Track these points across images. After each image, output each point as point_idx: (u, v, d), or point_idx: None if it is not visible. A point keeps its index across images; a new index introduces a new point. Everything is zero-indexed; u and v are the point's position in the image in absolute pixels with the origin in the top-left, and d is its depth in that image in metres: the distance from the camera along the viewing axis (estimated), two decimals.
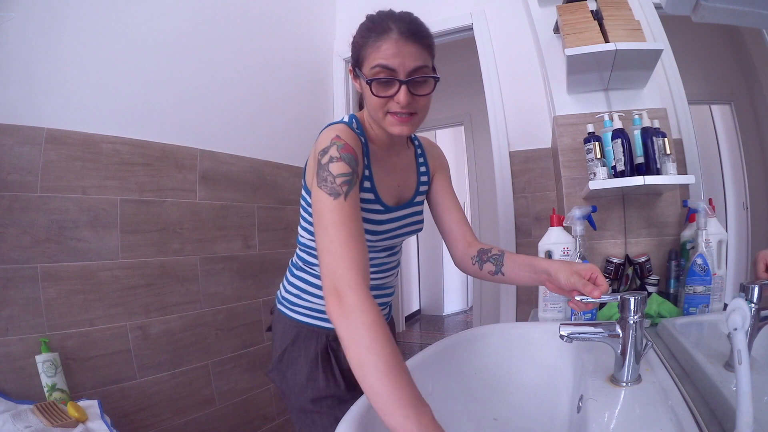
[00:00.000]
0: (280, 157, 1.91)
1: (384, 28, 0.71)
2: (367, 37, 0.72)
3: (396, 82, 0.70)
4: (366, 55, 0.72)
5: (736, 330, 0.42)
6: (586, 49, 1.13)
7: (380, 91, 0.71)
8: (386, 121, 0.74)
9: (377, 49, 0.70)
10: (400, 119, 0.73)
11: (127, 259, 1.35)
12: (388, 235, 0.84)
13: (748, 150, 1.00)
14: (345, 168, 0.69)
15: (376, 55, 0.70)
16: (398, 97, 0.71)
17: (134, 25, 1.41)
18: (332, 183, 0.67)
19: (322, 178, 0.68)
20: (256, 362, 1.74)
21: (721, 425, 0.50)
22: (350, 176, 0.68)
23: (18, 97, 1.15)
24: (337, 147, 0.70)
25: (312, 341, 0.86)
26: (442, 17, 2.02)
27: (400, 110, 0.72)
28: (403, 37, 0.70)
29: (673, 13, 0.41)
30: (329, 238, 0.63)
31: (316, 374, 0.84)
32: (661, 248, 1.25)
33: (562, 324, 0.64)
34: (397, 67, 0.70)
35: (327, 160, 0.69)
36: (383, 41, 0.70)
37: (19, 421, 0.96)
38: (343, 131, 0.73)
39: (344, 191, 0.67)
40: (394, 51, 0.69)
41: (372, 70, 0.71)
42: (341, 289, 0.58)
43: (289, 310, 0.90)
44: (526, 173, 1.83)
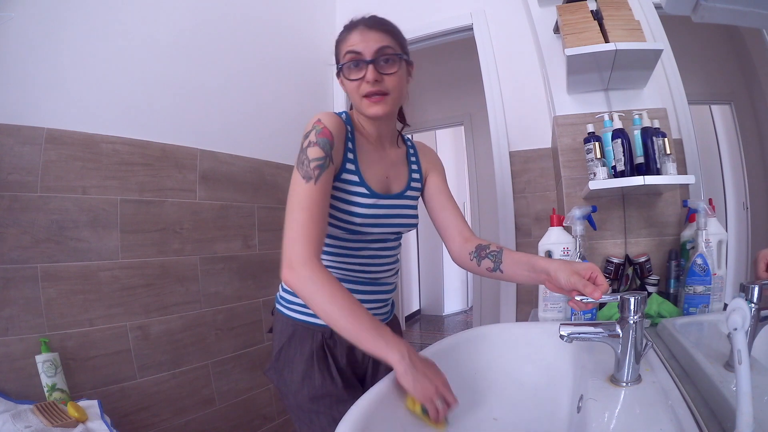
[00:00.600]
0: (280, 157, 1.91)
1: (351, 25, 0.82)
2: (339, 37, 0.83)
3: (363, 64, 0.78)
4: (340, 50, 0.82)
5: (736, 330, 0.42)
6: (586, 49, 1.13)
7: (351, 74, 0.80)
8: (363, 105, 0.81)
9: (346, 40, 0.81)
10: (372, 100, 0.80)
11: (127, 259, 1.35)
12: (376, 221, 0.85)
13: (748, 150, 1.00)
14: (319, 153, 0.76)
15: (345, 45, 0.80)
16: (366, 76, 0.78)
17: (134, 25, 1.41)
18: (307, 166, 0.75)
19: (300, 160, 0.76)
20: (256, 362, 1.75)
21: (721, 425, 0.50)
22: (323, 160, 0.75)
23: (18, 97, 1.15)
24: (315, 131, 0.78)
25: (307, 339, 0.86)
26: (442, 17, 2.02)
27: (371, 89, 0.79)
28: (367, 26, 0.80)
29: (673, 13, 0.41)
30: (293, 218, 0.72)
31: (312, 372, 0.84)
32: (661, 248, 1.25)
33: (562, 324, 0.64)
34: (362, 50, 0.78)
35: (306, 144, 0.77)
36: (350, 33, 0.81)
37: (19, 421, 0.96)
38: (325, 116, 0.80)
39: (315, 175, 0.74)
40: (359, 38, 0.79)
41: (343, 58, 0.80)
42: (294, 264, 0.69)
43: (286, 308, 0.90)
44: (526, 173, 1.83)
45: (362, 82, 0.79)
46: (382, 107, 0.80)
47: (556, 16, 1.34)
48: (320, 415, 0.82)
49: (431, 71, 3.34)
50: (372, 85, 0.78)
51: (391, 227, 0.88)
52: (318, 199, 0.73)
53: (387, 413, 0.61)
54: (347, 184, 0.81)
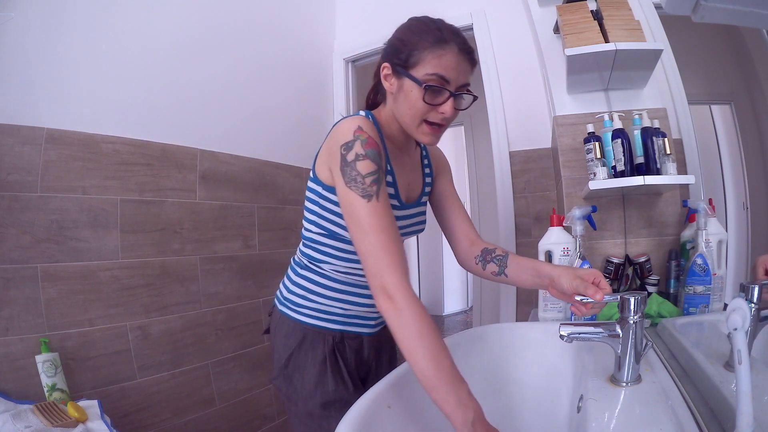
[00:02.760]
0: (280, 157, 1.91)
1: (444, 38, 0.71)
2: (424, 39, 0.71)
3: (446, 93, 0.72)
4: (423, 58, 0.71)
5: (736, 330, 0.42)
6: (586, 49, 1.13)
7: (432, 98, 0.72)
8: (420, 129, 0.75)
9: (439, 57, 0.70)
10: (434, 130, 0.75)
11: (127, 259, 1.35)
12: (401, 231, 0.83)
13: (748, 150, 1.00)
14: (372, 166, 0.69)
15: (437, 63, 0.70)
16: (445, 108, 0.72)
17: (134, 25, 1.41)
18: (362, 183, 0.68)
19: (350, 177, 0.69)
20: (256, 362, 1.74)
21: (721, 425, 0.50)
22: (377, 174, 0.69)
23: (18, 97, 1.15)
24: (361, 142, 0.70)
25: (319, 344, 0.84)
26: (443, 17, 2.01)
27: (440, 121, 0.74)
28: (462, 52, 0.72)
29: (673, 13, 0.41)
30: (371, 242, 0.66)
31: (325, 377, 0.82)
32: (661, 248, 1.25)
33: (562, 324, 0.64)
34: (452, 80, 0.71)
35: (353, 157, 0.69)
36: (446, 51, 0.71)
37: (19, 421, 0.96)
38: (364, 123, 0.73)
39: (375, 191, 0.68)
40: (454, 64, 0.71)
41: (428, 76, 0.71)
42: (390, 291, 0.64)
43: (294, 311, 0.87)
44: (526, 173, 1.83)
45: (433, 110, 0.73)
46: (437, 139, 0.78)
47: (556, 16, 1.34)
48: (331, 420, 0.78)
49: None
50: (442, 119, 0.74)
51: (407, 234, 0.88)
52: (388, 216, 0.69)
53: (387, 413, 0.61)
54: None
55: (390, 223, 0.68)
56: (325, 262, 0.84)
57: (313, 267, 0.86)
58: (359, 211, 0.68)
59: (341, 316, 0.85)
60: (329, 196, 0.78)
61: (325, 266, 0.84)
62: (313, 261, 0.86)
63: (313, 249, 0.85)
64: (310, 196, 0.83)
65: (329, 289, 0.84)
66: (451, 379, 0.61)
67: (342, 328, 0.86)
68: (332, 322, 0.85)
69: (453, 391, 0.60)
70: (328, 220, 0.80)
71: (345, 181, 0.69)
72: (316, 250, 0.85)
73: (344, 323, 0.86)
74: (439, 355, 0.62)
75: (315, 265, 0.86)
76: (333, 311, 0.85)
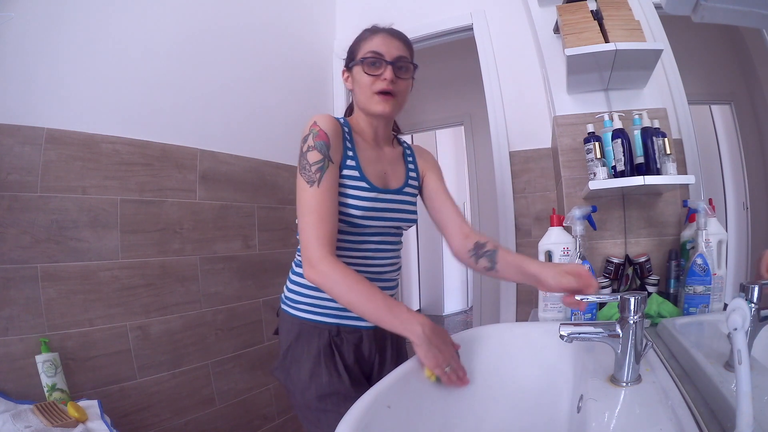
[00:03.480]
0: (280, 157, 1.91)
1: (374, 30, 0.90)
2: (360, 37, 0.91)
3: (383, 63, 0.86)
4: (359, 48, 0.89)
5: (736, 330, 0.42)
6: (586, 49, 1.13)
7: (371, 70, 0.86)
8: (372, 101, 0.87)
9: (369, 41, 0.88)
10: (383, 98, 0.87)
11: (127, 259, 1.35)
12: (376, 214, 0.88)
13: (748, 150, 1.00)
14: (318, 156, 0.81)
15: (368, 45, 0.88)
16: (385, 74, 0.86)
17: (134, 25, 1.41)
18: (309, 171, 0.80)
19: (302, 165, 0.82)
20: (256, 362, 1.75)
21: (721, 425, 0.50)
22: (322, 162, 0.81)
23: (18, 97, 1.15)
24: (312, 135, 0.83)
25: (314, 337, 0.87)
26: (442, 17, 2.02)
27: (386, 87, 0.86)
28: (389, 34, 0.89)
29: (673, 13, 0.41)
30: (304, 221, 0.79)
31: (319, 370, 0.85)
32: (661, 248, 1.25)
33: (562, 324, 0.64)
34: (384, 53, 0.86)
35: (306, 148, 0.82)
36: (374, 36, 0.89)
37: (19, 421, 0.96)
38: (320, 118, 0.85)
39: (318, 178, 0.80)
40: (381, 42, 0.87)
41: (364, 55, 0.87)
42: (314, 262, 0.77)
43: (292, 308, 0.91)
44: (526, 173, 1.83)
45: (377, 79, 0.86)
46: (389, 106, 0.87)
47: (556, 16, 1.34)
48: (328, 413, 0.82)
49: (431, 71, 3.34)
50: (387, 84, 0.85)
51: (391, 221, 0.91)
52: (324, 200, 0.80)
53: (387, 413, 0.61)
54: (348, 179, 0.86)
55: (324, 207, 0.79)
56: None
57: None
58: (302, 195, 0.80)
59: (335, 309, 0.88)
60: None
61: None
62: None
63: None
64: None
65: None
66: (388, 308, 0.75)
67: (338, 321, 0.88)
68: (327, 316, 0.88)
69: (394, 316, 0.74)
70: None
71: (299, 169, 0.82)
72: None
73: (339, 316, 0.88)
74: (372, 295, 0.75)
75: None
76: (326, 305, 0.88)
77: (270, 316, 1.81)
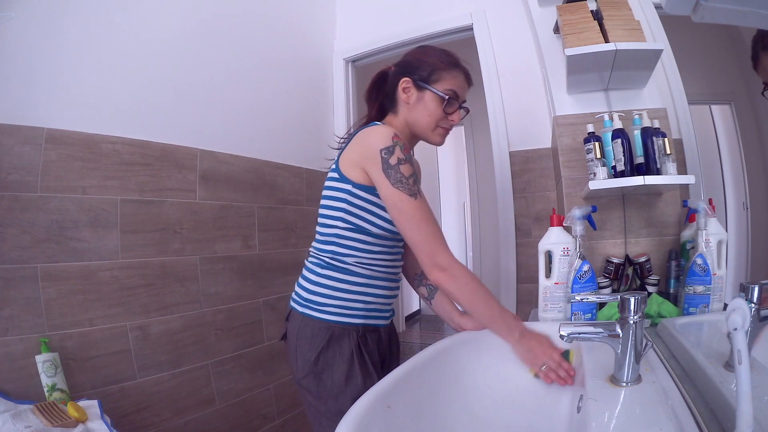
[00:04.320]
0: (280, 157, 1.91)
1: (456, 62, 0.95)
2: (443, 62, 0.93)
3: (456, 105, 0.94)
4: (442, 77, 0.92)
5: (736, 330, 0.42)
6: (586, 49, 1.13)
7: (448, 108, 0.93)
8: (435, 132, 0.95)
9: (455, 77, 0.93)
10: (445, 133, 0.96)
11: (127, 259, 1.35)
12: None
13: (748, 150, 1.00)
14: (411, 169, 0.84)
15: (454, 82, 0.93)
16: (454, 116, 0.94)
17: (134, 25, 1.41)
18: (407, 184, 0.83)
19: (396, 179, 0.83)
20: (256, 362, 1.75)
21: (721, 425, 0.50)
22: (416, 175, 0.86)
23: (18, 97, 1.15)
24: (400, 148, 0.84)
25: (345, 340, 0.88)
26: (442, 17, 2.02)
27: (449, 126, 0.96)
28: (467, 77, 0.97)
29: (673, 13, 0.41)
30: (423, 231, 0.83)
31: (354, 371, 0.86)
32: (661, 248, 1.25)
33: (562, 324, 0.64)
34: (461, 96, 0.95)
35: (396, 161, 0.83)
36: (459, 73, 0.94)
37: (19, 421, 0.96)
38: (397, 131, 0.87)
39: (417, 190, 0.84)
40: (462, 84, 0.95)
41: (447, 91, 0.92)
42: (444, 265, 0.83)
43: (318, 311, 0.89)
44: (526, 173, 1.83)
45: (447, 118, 0.94)
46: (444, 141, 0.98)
47: (556, 16, 1.34)
48: None
49: None
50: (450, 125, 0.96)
51: None
52: (429, 210, 0.85)
53: (387, 413, 0.61)
54: None
55: (432, 215, 0.85)
56: (349, 255, 0.90)
57: (335, 264, 0.90)
58: (409, 208, 0.82)
59: (363, 310, 0.91)
60: (360, 194, 0.87)
61: (349, 259, 0.90)
62: (336, 257, 0.90)
63: (336, 245, 0.90)
64: (336, 195, 0.89)
65: (352, 284, 0.90)
66: (501, 314, 0.85)
67: (364, 321, 0.91)
68: (355, 317, 0.90)
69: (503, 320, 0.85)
70: (357, 216, 0.88)
71: (391, 182, 0.82)
72: (340, 245, 0.90)
73: (366, 317, 0.91)
74: (490, 301, 0.86)
75: (338, 261, 0.90)
76: (356, 306, 0.90)
77: (270, 316, 1.81)
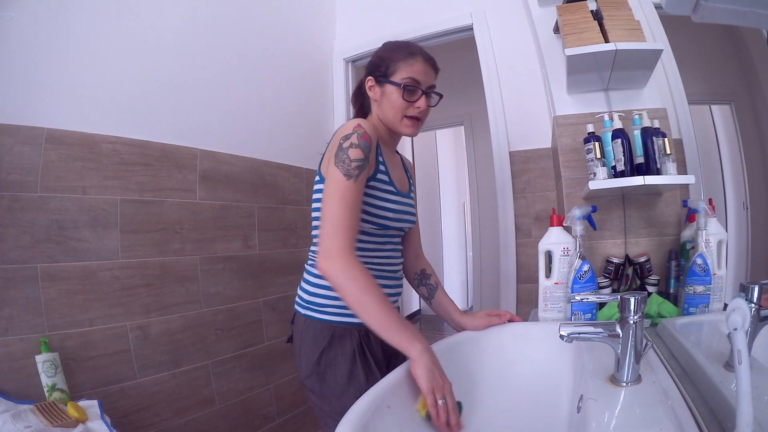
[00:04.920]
0: (280, 157, 1.91)
1: (412, 51, 0.92)
2: (397, 53, 0.92)
3: (419, 92, 0.91)
4: (398, 67, 0.90)
5: (736, 330, 0.42)
6: (586, 49, 1.13)
7: (408, 96, 0.90)
8: (402, 123, 0.92)
9: (410, 65, 0.90)
10: (413, 122, 0.93)
11: (127, 259, 1.35)
12: (399, 216, 0.94)
13: (748, 150, 1.00)
14: (360, 154, 0.82)
15: (410, 70, 0.90)
16: (419, 103, 0.91)
17: (134, 24, 1.41)
18: (348, 165, 0.81)
19: (340, 159, 0.82)
20: (256, 362, 1.75)
21: (721, 425, 0.50)
22: (362, 162, 0.82)
23: (18, 97, 1.15)
24: (357, 134, 0.83)
25: (347, 339, 0.88)
26: (442, 17, 2.02)
27: (417, 114, 0.92)
28: (428, 63, 0.92)
29: (673, 13, 0.41)
30: (332, 211, 0.78)
31: (356, 370, 0.86)
32: (661, 248, 1.25)
33: (562, 324, 0.64)
34: (422, 81, 0.91)
35: (348, 144, 0.83)
36: (415, 60, 0.90)
37: (19, 421, 0.96)
38: (364, 123, 0.86)
39: (355, 174, 0.81)
40: (422, 69, 0.91)
41: (404, 80, 0.90)
42: (332, 254, 0.75)
43: (319, 312, 0.90)
44: (526, 173, 1.83)
45: (411, 106, 0.91)
46: (417, 130, 0.94)
47: (556, 16, 1.34)
48: None
49: None
50: (419, 112, 0.92)
51: (405, 223, 0.98)
52: (356, 195, 0.80)
53: (387, 413, 0.61)
54: (381, 183, 0.90)
55: (356, 203, 0.80)
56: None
57: None
58: (336, 185, 0.79)
59: None
60: None
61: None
62: None
63: None
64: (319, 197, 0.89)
65: None
66: (399, 320, 0.74)
67: None
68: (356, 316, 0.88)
69: (404, 328, 0.73)
70: None
71: (335, 162, 0.82)
72: None
73: None
74: (385, 303, 0.74)
75: None
76: None
77: (270, 316, 1.81)
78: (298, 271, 0.98)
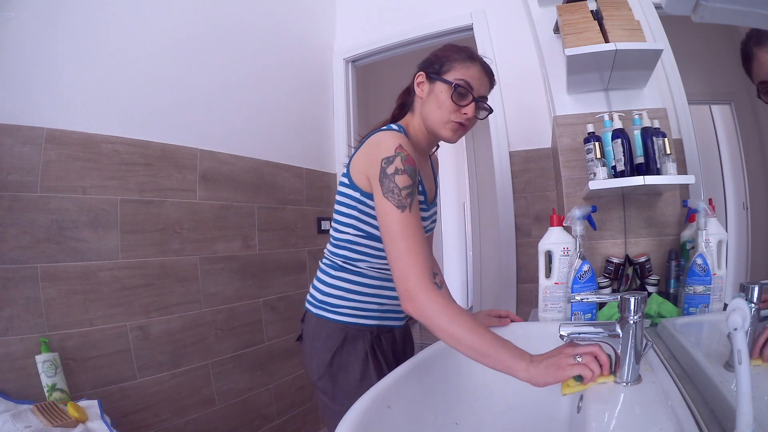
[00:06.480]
0: (280, 157, 1.91)
1: (472, 56, 0.88)
2: (456, 53, 0.88)
3: (470, 97, 0.86)
4: (453, 67, 0.87)
5: (736, 330, 0.42)
6: (586, 49, 1.13)
7: (458, 99, 0.86)
8: (446, 126, 0.88)
9: (467, 68, 0.87)
10: (458, 127, 0.88)
11: (127, 259, 1.35)
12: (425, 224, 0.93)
13: (748, 150, 0.99)
14: (408, 180, 0.78)
15: (465, 72, 0.86)
16: (467, 109, 0.86)
17: (134, 25, 1.41)
18: (398, 195, 0.77)
19: (388, 189, 0.77)
20: (256, 362, 1.75)
21: (721, 425, 0.50)
22: (412, 188, 0.78)
23: (18, 97, 1.15)
24: (401, 158, 0.79)
25: (359, 341, 0.88)
26: (443, 17, 2.02)
27: (464, 120, 0.87)
28: (485, 71, 0.89)
29: (673, 13, 0.41)
30: (398, 248, 0.74)
31: (368, 371, 0.86)
32: (661, 248, 1.25)
33: (562, 324, 0.64)
34: (476, 88, 0.87)
35: (392, 171, 0.78)
36: (472, 65, 0.87)
37: (19, 421, 0.96)
38: (404, 142, 0.82)
39: (408, 203, 0.77)
40: (478, 76, 0.87)
41: (457, 80, 0.85)
42: (413, 292, 0.71)
43: (333, 313, 0.90)
44: (526, 173, 1.83)
45: (458, 110, 0.86)
46: (458, 137, 0.90)
47: (556, 16, 1.34)
48: None
49: None
50: (466, 120, 0.87)
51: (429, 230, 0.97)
52: (416, 226, 0.77)
53: (387, 413, 0.61)
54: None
55: (417, 232, 0.76)
56: (361, 260, 0.90)
57: (349, 267, 0.90)
58: (392, 220, 0.76)
59: (377, 311, 0.91)
60: (367, 202, 0.85)
61: (361, 264, 0.90)
62: (348, 261, 0.90)
63: (348, 250, 0.90)
64: (346, 201, 0.88)
65: (366, 287, 0.90)
66: (495, 341, 0.67)
67: (378, 323, 0.91)
68: (369, 318, 0.90)
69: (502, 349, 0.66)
70: (367, 223, 0.87)
71: (383, 192, 0.77)
72: (353, 250, 0.90)
73: (380, 318, 0.91)
74: (476, 328, 0.68)
75: (351, 265, 0.90)
76: (370, 308, 0.90)
77: (270, 316, 1.81)
78: (298, 271, 0.98)
